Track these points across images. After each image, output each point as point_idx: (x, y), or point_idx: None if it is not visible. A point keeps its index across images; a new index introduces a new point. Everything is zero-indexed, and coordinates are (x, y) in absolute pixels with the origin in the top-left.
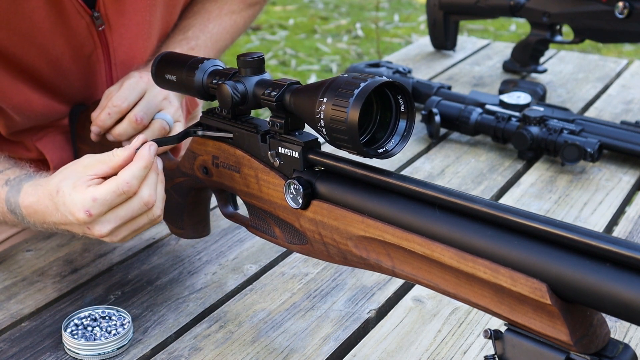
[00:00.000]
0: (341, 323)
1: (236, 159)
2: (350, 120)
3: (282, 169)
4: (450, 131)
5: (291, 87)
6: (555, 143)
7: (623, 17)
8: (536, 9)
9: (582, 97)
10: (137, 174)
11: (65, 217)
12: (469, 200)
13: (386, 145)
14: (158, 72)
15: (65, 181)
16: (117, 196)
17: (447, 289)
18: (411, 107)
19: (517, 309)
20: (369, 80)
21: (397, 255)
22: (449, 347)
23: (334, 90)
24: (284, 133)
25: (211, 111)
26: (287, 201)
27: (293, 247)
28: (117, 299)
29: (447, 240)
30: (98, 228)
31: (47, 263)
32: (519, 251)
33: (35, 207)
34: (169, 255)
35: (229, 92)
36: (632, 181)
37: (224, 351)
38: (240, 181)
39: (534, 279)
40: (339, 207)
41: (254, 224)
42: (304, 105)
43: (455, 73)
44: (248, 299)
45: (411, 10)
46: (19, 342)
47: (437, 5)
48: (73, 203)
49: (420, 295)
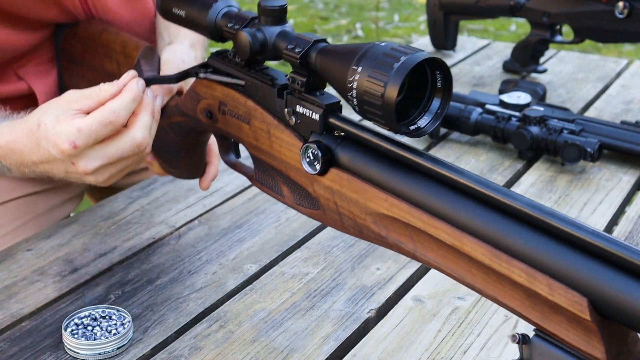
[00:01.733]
0: (341, 323)
1: (247, 109)
2: (388, 96)
3: (297, 128)
4: (450, 131)
5: (318, 46)
6: (555, 143)
7: (623, 17)
8: (536, 9)
9: (582, 97)
10: (125, 104)
11: (47, 153)
12: (509, 196)
13: (418, 122)
14: (165, 4)
15: (47, 115)
16: (103, 126)
17: (473, 283)
18: (449, 85)
19: (550, 318)
20: (410, 54)
21: (420, 240)
22: (449, 347)
23: (370, 60)
24: (305, 92)
25: (221, 53)
26: (303, 165)
27: (302, 209)
28: (117, 299)
29: (480, 235)
30: (83, 163)
31: (47, 262)
32: (560, 259)
33: (12, 145)
34: (169, 254)
35: (248, 40)
36: (632, 181)
37: (224, 351)
38: (250, 133)
39: (574, 291)
40: (361, 180)
41: (259, 178)
42: (333, 70)
43: (455, 73)
44: (248, 299)
45: (411, 10)
46: (19, 342)
47: (437, 5)
48: (57, 135)
49: (420, 295)
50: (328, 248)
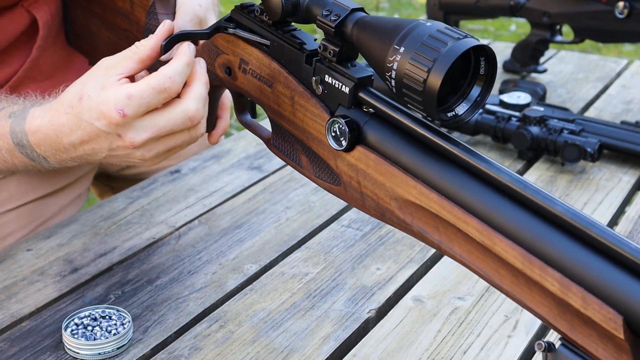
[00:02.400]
0: (341, 323)
1: (271, 72)
2: (431, 83)
3: (324, 99)
4: (450, 131)
5: (356, 15)
6: (555, 143)
7: (623, 17)
8: (536, 9)
9: (582, 97)
10: (180, 69)
11: (89, 128)
12: (548, 200)
13: (457, 109)
14: None
15: (88, 86)
16: (157, 93)
17: (500, 284)
18: (492, 74)
19: (579, 330)
20: (458, 39)
21: (447, 233)
22: (449, 347)
23: (414, 41)
24: (336, 62)
25: (246, 8)
26: (328, 139)
27: (320, 182)
28: (117, 299)
29: (513, 237)
30: (131, 135)
31: (47, 262)
32: (597, 273)
33: (46, 130)
34: (169, 255)
35: (280, 1)
36: (632, 181)
37: (224, 351)
38: (271, 97)
39: (609, 307)
40: (389, 163)
41: (276, 144)
42: (372, 47)
43: None
44: (248, 299)
45: (411, 10)
46: (19, 342)
47: (437, 5)
48: (104, 102)
49: (420, 295)
50: (328, 248)
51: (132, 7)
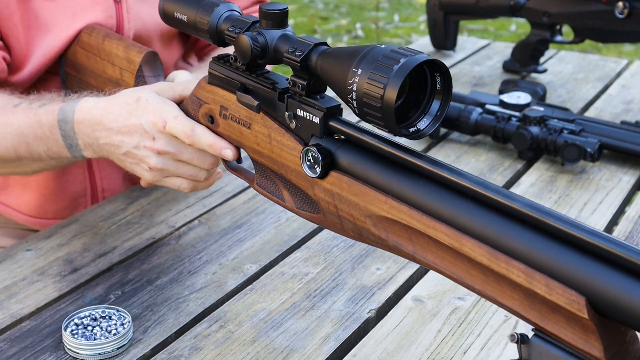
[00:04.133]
0: (341, 323)
1: (248, 114)
2: (387, 98)
3: (298, 132)
4: (450, 131)
5: (319, 49)
6: (555, 143)
7: (623, 17)
8: (536, 9)
9: (582, 97)
10: (208, 160)
11: (133, 123)
12: (508, 197)
13: (418, 124)
14: (167, 9)
15: (146, 93)
16: (186, 135)
17: (472, 284)
18: (448, 87)
19: (548, 317)
20: (409, 56)
21: (420, 242)
22: (449, 347)
23: (370, 63)
24: (305, 95)
25: (222, 58)
26: (304, 168)
27: (302, 213)
28: (117, 299)
29: (479, 236)
30: (161, 143)
31: (47, 262)
32: (558, 259)
33: (94, 112)
34: (169, 255)
35: (249, 44)
36: (632, 181)
37: (224, 351)
38: (250, 138)
39: (572, 290)
40: (361, 183)
41: (260, 183)
42: (333, 72)
43: (455, 73)
44: (248, 299)
45: (411, 10)
46: (19, 342)
47: (437, 5)
48: (159, 109)
49: (420, 295)
50: (328, 248)
51: (122, 73)
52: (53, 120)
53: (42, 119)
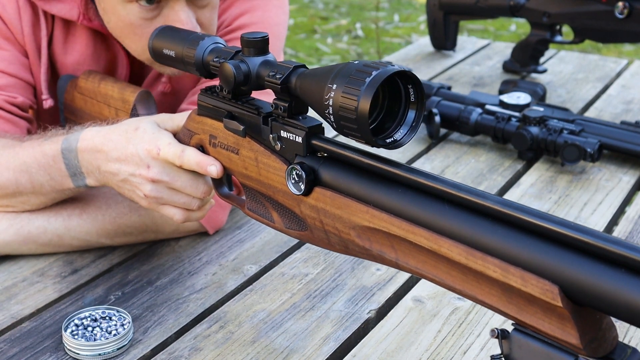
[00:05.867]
0: (341, 323)
1: (235, 140)
2: (361, 109)
3: (283, 153)
4: (450, 131)
5: (297, 71)
6: (555, 143)
7: (623, 17)
8: (536, 9)
9: (582, 97)
10: (201, 188)
11: (130, 152)
12: (480, 196)
13: (394, 135)
14: (156, 46)
15: (145, 123)
16: (177, 157)
17: (453, 284)
18: (421, 98)
19: (526, 309)
20: (381, 69)
21: (401, 248)
22: (449, 347)
23: (344, 78)
24: (287, 117)
25: (210, 89)
26: (289, 187)
27: (291, 232)
28: (117, 300)
29: (456, 236)
30: (156, 171)
31: (48, 264)
32: (531, 251)
33: (96, 140)
34: (169, 255)
35: (232, 71)
36: (632, 181)
37: (224, 351)
38: (239, 163)
39: (545, 280)
40: (343, 196)
41: (250, 207)
42: (311, 91)
43: (455, 73)
44: (248, 300)
45: (411, 10)
46: (19, 343)
47: (437, 5)
48: (155, 137)
49: (420, 295)
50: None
51: (117, 113)
52: (57, 150)
53: (45, 149)
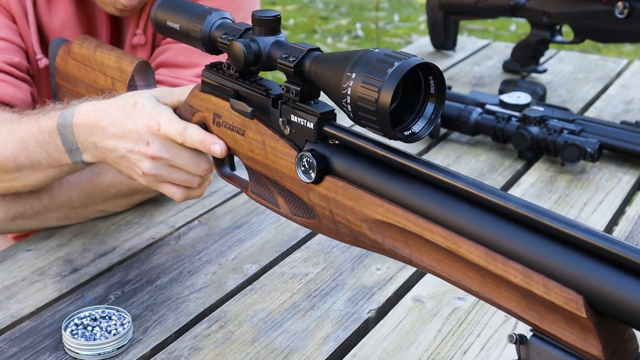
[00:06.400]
0: (341, 323)
1: (242, 120)
2: (382, 101)
3: (292, 138)
4: (450, 131)
5: (312, 54)
6: (555, 143)
7: (623, 17)
8: (536, 9)
9: (582, 97)
10: (202, 165)
11: (129, 127)
12: (503, 198)
13: (413, 128)
14: (159, 17)
15: (144, 97)
16: (179, 134)
17: (469, 286)
18: (442, 90)
19: (547, 317)
20: (403, 60)
21: (416, 245)
22: (449, 347)
23: (364, 66)
24: (299, 101)
25: (215, 66)
26: (298, 174)
27: (297, 219)
28: (117, 299)
29: (476, 238)
30: (155, 147)
31: (47, 263)
32: (555, 258)
33: (92, 114)
34: (169, 255)
35: (242, 50)
36: (632, 181)
37: (224, 351)
38: (244, 144)
39: (569, 289)
40: (356, 187)
41: (254, 190)
42: (327, 77)
43: (455, 73)
44: (248, 299)
45: (411, 10)
46: (19, 342)
47: (437, 5)
48: (155, 113)
49: (420, 295)
50: (328, 248)
51: (114, 83)
52: (53, 125)
53: (42, 125)
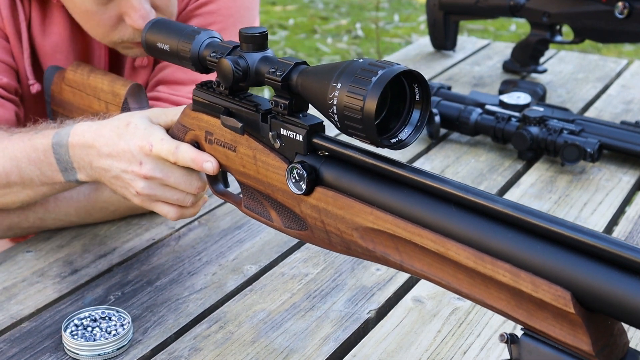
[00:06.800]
0: (341, 323)
1: (233, 137)
2: (367, 109)
3: (283, 152)
4: (450, 131)
5: (299, 68)
6: (555, 143)
7: (623, 17)
8: (536, 9)
9: (582, 97)
10: (195, 184)
11: (122, 147)
12: (489, 199)
13: (399, 135)
14: (149, 39)
15: (136, 119)
16: (171, 154)
17: (459, 288)
18: (427, 97)
19: (536, 315)
20: (387, 68)
21: (406, 250)
22: (449, 347)
23: (349, 76)
24: (288, 114)
25: (206, 84)
26: (289, 186)
27: (290, 232)
28: (117, 300)
29: (464, 240)
30: (148, 167)
31: (47, 264)
32: (542, 256)
33: (87, 135)
34: (169, 255)
35: (230, 67)
36: (632, 181)
37: (224, 351)
38: (236, 160)
39: (557, 286)
40: (346, 196)
41: (247, 205)
42: (314, 89)
43: (455, 73)
44: (248, 300)
45: (411, 10)
46: (18, 343)
47: (437, 5)
48: (147, 133)
49: (420, 295)
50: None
51: (107, 107)
52: (47, 144)
53: (36, 143)
